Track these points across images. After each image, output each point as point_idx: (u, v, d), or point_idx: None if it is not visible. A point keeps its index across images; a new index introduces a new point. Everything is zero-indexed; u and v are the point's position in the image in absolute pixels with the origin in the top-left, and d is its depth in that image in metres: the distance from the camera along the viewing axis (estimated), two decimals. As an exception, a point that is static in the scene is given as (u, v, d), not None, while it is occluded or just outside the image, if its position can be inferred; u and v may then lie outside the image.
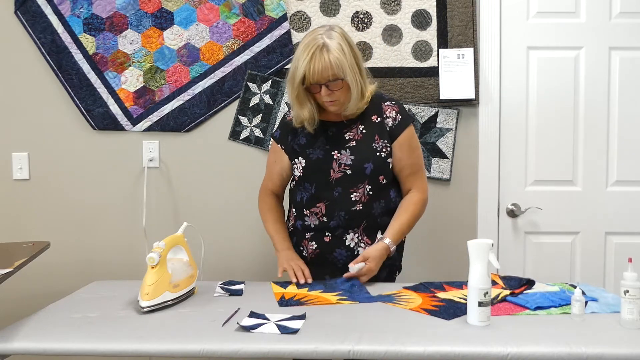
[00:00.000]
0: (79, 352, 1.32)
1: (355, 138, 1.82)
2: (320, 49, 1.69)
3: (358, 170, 1.80)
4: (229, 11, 2.41)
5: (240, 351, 1.28)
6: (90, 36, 2.43)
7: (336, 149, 1.82)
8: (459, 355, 1.25)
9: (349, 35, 1.79)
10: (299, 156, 1.87)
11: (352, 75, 1.72)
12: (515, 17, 2.41)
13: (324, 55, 1.69)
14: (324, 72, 1.70)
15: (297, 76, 1.72)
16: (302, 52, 1.71)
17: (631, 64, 2.40)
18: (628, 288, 1.35)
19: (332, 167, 1.81)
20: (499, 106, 2.42)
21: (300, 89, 1.76)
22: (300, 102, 1.79)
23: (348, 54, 1.71)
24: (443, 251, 2.45)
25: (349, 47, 1.73)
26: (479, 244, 1.40)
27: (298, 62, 1.72)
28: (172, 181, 2.49)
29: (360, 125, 1.83)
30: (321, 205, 1.83)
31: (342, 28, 1.79)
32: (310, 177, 1.85)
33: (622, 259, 2.28)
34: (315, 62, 1.69)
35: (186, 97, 2.45)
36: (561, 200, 2.44)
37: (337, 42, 1.70)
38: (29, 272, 2.01)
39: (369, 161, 1.79)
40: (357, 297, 1.62)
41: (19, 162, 2.49)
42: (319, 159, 1.83)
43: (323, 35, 1.71)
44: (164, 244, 1.59)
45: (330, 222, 1.82)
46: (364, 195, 1.80)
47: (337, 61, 1.69)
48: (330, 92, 1.74)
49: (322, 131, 1.85)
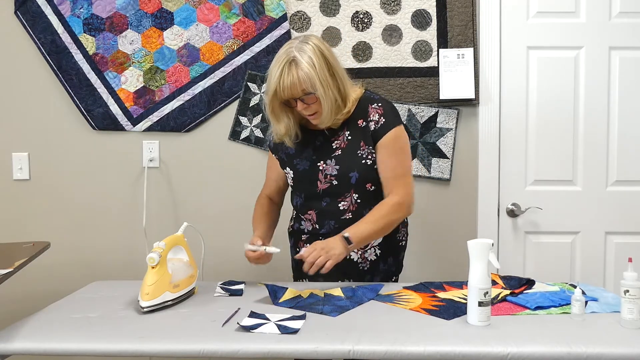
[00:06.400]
0: (79, 352, 1.32)
1: (341, 146, 1.78)
2: (289, 64, 1.65)
3: (343, 180, 1.77)
4: (228, 11, 2.41)
5: (240, 351, 1.28)
6: (90, 36, 2.43)
7: (322, 160, 1.79)
8: (459, 355, 1.25)
9: (326, 46, 1.72)
10: (287, 167, 1.87)
11: (323, 89, 1.66)
12: (515, 17, 2.41)
13: (293, 71, 1.64)
14: (293, 88, 1.66)
15: (269, 92, 1.70)
16: (273, 67, 1.68)
17: (631, 64, 2.40)
18: (628, 288, 1.35)
19: (319, 179, 1.79)
20: (499, 106, 2.42)
21: (275, 104, 1.73)
22: (276, 117, 1.76)
23: (319, 67, 1.65)
24: (443, 251, 2.45)
25: (322, 60, 1.66)
26: (479, 244, 1.40)
27: (270, 78, 1.69)
28: (172, 181, 2.49)
29: (346, 131, 1.79)
30: (312, 213, 1.83)
31: (318, 38, 1.74)
32: (299, 188, 1.86)
33: (622, 259, 2.30)
34: (284, 77, 1.65)
35: (186, 97, 2.45)
36: (561, 200, 2.44)
37: (307, 56, 1.65)
38: (29, 272, 2.02)
39: (353, 170, 1.76)
40: (356, 301, 1.60)
41: (19, 162, 2.49)
42: (305, 170, 1.82)
43: (293, 49, 1.66)
44: (164, 244, 1.59)
45: (321, 229, 1.82)
46: (352, 204, 1.78)
47: (306, 77, 1.64)
48: (307, 105, 1.70)
49: (310, 141, 1.83)
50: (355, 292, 1.65)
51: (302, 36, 1.73)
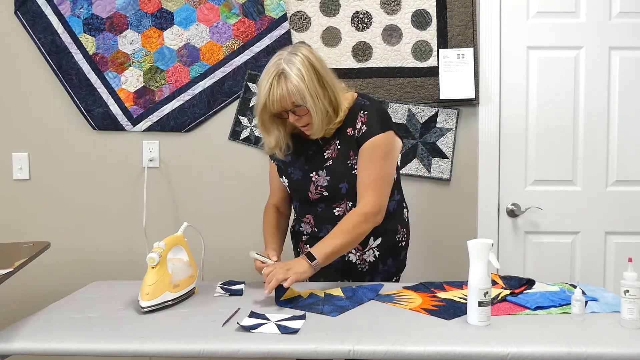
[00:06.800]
0: (79, 352, 1.32)
1: (332, 156, 1.77)
2: (279, 77, 1.63)
3: (334, 191, 1.77)
4: (228, 11, 2.41)
5: (240, 351, 1.28)
6: (90, 36, 2.43)
7: (314, 170, 1.79)
8: (459, 355, 1.25)
9: (316, 56, 1.70)
10: (282, 175, 1.87)
11: (313, 101, 1.64)
12: (515, 17, 2.41)
13: (282, 84, 1.63)
14: (283, 101, 1.64)
15: (259, 104, 1.68)
16: (262, 79, 1.67)
17: (631, 64, 2.40)
18: (628, 288, 1.35)
19: (310, 190, 1.80)
20: (499, 106, 2.42)
21: (265, 117, 1.71)
22: (267, 130, 1.75)
23: (309, 79, 1.63)
24: (443, 251, 2.45)
25: (312, 71, 1.64)
26: (479, 244, 1.40)
27: (260, 91, 1.67)
28: (172, 181, 2.49)
29: (337, 140, 1.77)
30: (310, 217, 1.84)
31: (308, 48, 1.72)
32: (294, 195, 1.87)
33: (622, 259, 2.30)
34: (274, 90, 1.63)
35: (186, 97, 2.45)
36: (561, 200, 2.44)
37: (297, 68, 1.63)
38: (29, 273, 2.02)
39: (343, 181, 1.75)
40: (356, 301, 1.60)
41: (19, 162, 2.49)
42: (298, 179, 1.82)
43: (282, 61, 1.64)
44: (164, 244, 1.59)
45: (319, 233, 1.82)
46: (347, 210, 1.78)
47: (295, 89, 1.63)
48: (299, 117, 1.69)
49: (303, 150, 1.82)
50: (355, 292, 1.65)
51: (291, 47, 1.71)
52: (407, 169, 2.41)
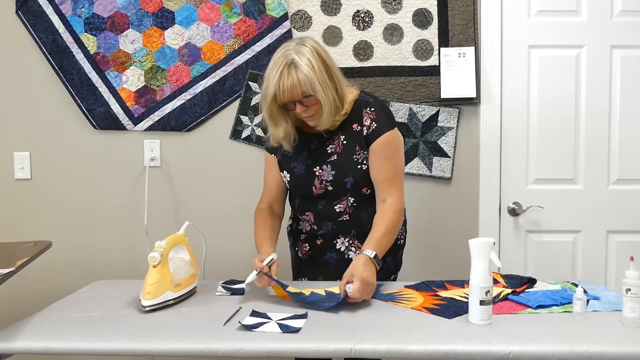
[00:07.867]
0: (80, 352, 1.32)
1: (337, 151, 1.78)
2: (289, 67, 1.63)
3: (339, 185, 1.77)
4: (229, 10, 2.41)
5: (242, 350, 1.28)
6: (91, 36, 2.43)
7: (318, 165, 1.79)
8: (460, 354, 1.25)
9: (323, 47, 1.71)
10: (284, 169, 1.86)
11: (323, 91, 1.65)
12: (516, 15, 2.40)
13: (292, 74, 1.63)
14: (293, 90, 1.64)
15: (268, 95, 1.68)
16: (271, 70, 1.67)
17: (632, 62, 2.40)
18: (630, 286, 1.35)
19: (314, 184, 1.79)
20: (500, 105, 2.42)
21: (273, 108, 1.71)
22: (275, 121, 1.75)
23: (318, 69, 1.64)
24: (444, 250, 2.45)
25: (320, 62, 1.65)
26: (481, 243, 1.40)
27: (268, 81, 1.67)
28: (173, 180, 2.49)
29: (341, 135, 1.78)
30: (310, 214, 1.84)
31: (314, 40, 1.72)
32: (296, 191, 1.87)
33: (624, 257, 2.30)
34: (284, 80, 1.63)
35: (187, 96, 2.45)
36: (563, 199, 2.44)
37: (306, 58, 1.63)
38: (30, 272, 2.02)
39: (349, 175, 1.76)
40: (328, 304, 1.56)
41: (20, 162, 2.49)
42: (301, 174, 1.82)
43: (291, 51, 1.64)
44: (166, 243, 1.59)
45: (319, 230, 1.82)
46: (348, 206, 1.79)
47: (306, 78, 1.63)
48: (306, 108, 1.69)
49: (305, 144, 1.82)
50: None
51: (298, 38, 1.72)
52: (409, 167, 2.41)
